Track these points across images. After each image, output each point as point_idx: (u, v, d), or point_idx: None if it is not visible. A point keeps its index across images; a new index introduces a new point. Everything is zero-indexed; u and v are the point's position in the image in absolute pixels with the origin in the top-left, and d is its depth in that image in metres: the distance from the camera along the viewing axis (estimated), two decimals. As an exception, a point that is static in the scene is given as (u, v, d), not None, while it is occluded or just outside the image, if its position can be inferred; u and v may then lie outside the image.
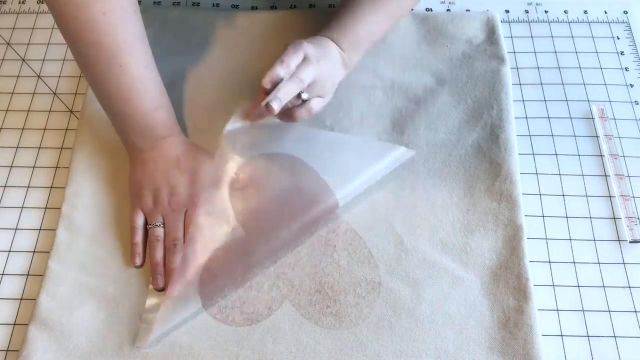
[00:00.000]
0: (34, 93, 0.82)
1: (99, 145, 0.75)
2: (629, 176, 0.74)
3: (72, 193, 0.72)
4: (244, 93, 0.79)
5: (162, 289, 0.65)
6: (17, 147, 0.77)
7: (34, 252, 0.70)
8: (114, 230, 0.70)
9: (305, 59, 0.67)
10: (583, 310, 0.65)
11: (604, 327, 0.65)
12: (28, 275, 0.68)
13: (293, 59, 0.66)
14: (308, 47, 0.67)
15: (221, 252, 0.67)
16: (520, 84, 0.81)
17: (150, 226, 0.68)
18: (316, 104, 0.69)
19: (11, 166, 0.76)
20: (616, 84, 0.81)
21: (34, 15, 0.89)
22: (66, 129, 0.79)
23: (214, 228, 0.68)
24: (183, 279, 0.65)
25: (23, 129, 0.79)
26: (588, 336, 0.64)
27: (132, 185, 0.71)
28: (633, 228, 0.70)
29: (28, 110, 0.81)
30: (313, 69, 0.66)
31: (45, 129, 0.79)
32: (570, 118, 0.78)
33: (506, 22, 0.87)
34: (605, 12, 0.88)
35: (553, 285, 0.67)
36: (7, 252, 0.70)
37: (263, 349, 0.62)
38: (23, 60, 0.85)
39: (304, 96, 0.66)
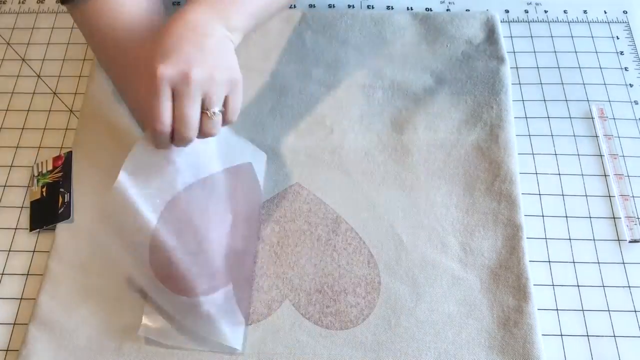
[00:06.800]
0: (34, 93, 0.82)
1: (99, 145, 0.75)
2: (628, 176, 0.74)
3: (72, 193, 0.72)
4: (243, 92, 0.79)
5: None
6: (17, 147, 0.77)
7: (34, 251, 0.70)
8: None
9: (175, 93, 0.54)
10: (583, 310, 0.66)
11: (604, 326, 0.65)
12: (28, 275, 0.68)
13: (166, 112, 0.54)
14: (166, 78, 0.53)
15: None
16: (520, 83, 0.81)
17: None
18: (233, 106, 0.58)
19: (11, 166, 0.76)
20: (616, 84, 0.81)
21: (34, 15, 0.89)
22: (66, 129, 0.79)
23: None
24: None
25: (23, 128, 0.79)
26: (588, 336, 0.64)
27: None
28: (633, 228, 0.70)
29: (28, 110, 0.81)
30: (193, 99, 0.54)
31: (45, 129, 0.79)
32: (570, 118, 0.79)
33: (506, 22, 0.87)
34: (605, 12, 0.88)
35: (553, 285, 0.67)
36: (7, 252, 0.70)
37: (263, 349, 0.62)
38: (23, 60, 0.85)
39: (212, 112, 0.56)
